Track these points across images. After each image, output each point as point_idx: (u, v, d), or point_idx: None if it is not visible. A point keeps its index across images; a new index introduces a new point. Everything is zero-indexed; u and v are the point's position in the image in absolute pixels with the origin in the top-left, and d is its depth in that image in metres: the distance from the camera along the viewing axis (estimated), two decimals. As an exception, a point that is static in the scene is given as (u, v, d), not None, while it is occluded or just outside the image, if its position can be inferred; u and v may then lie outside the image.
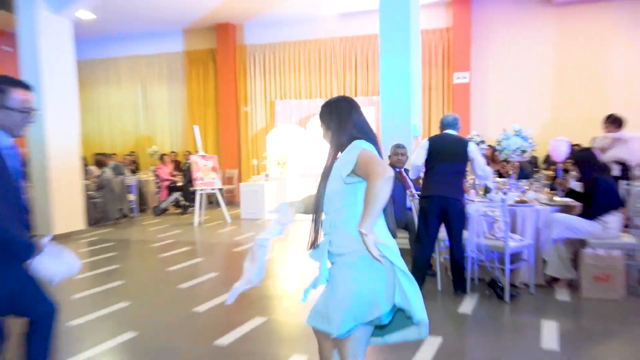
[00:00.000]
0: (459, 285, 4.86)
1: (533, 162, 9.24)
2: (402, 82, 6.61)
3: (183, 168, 11.80)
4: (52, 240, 2.44)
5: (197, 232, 8.91)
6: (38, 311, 2.49)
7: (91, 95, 14.43)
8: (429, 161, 4.88)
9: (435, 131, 11.68)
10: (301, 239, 8.08)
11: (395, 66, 6.63)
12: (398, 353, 3.57)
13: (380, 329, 2.34)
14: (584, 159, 4.95)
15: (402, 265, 2.15)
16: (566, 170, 6.17)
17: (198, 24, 13.09)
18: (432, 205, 4.73)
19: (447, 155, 4.78)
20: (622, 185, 5.37)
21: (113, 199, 9.95)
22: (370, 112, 10.90)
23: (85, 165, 10.59)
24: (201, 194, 9.90)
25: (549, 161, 9.80)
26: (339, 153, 2.30)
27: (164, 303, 4.90)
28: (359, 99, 12.06)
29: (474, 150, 4.79)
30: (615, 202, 4.73)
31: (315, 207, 2.36)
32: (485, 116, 11.27)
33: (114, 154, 12.73)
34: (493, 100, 11.31)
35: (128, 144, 14.31)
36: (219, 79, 13.32)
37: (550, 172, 8.55)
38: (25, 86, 2.46)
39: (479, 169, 4.84)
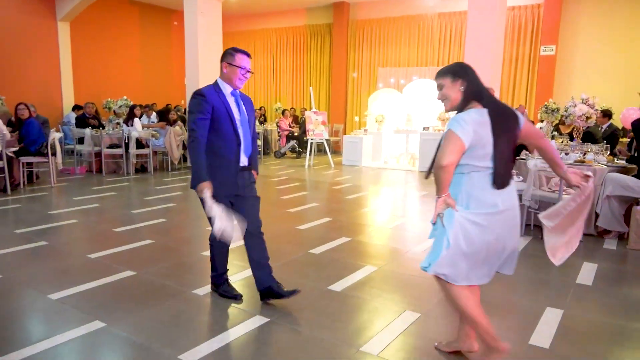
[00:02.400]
0: None
1: (615, 130, 8.46)
2: (484, 55, 6.37)
3: (300, 121, 12.33)
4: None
5: (307, 173, 9.43)
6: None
7: (233, 60, 15.34)
8: None
9: (521, 100, 11.06)
10: (391, 182, 8.29)
11: (478, 41, 6.38)
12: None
13: None
14: (639, 126, 4.57)
15: (449, 232, 2.10)
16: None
17: (319, 2, 13.24)
18: None
19: None
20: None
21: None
22: (458, 80, 10.50)
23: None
24: (312, 143, 10.37)
25: (625, 131, 8.93)
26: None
27: (275, 221, 5.42)
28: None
29: None
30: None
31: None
32: (570, 86, 10.39)
33: (248, 108, 13.59)
34: (577, 72, 10.37)
35: (260, 101, 15.15)
36: (333, 49, 13.50)
37: (626, 140, 7.83)
38: (246, 53, 2.92)
39: None
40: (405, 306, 3.05)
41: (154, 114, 9.94)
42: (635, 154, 4.60)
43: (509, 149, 2.12)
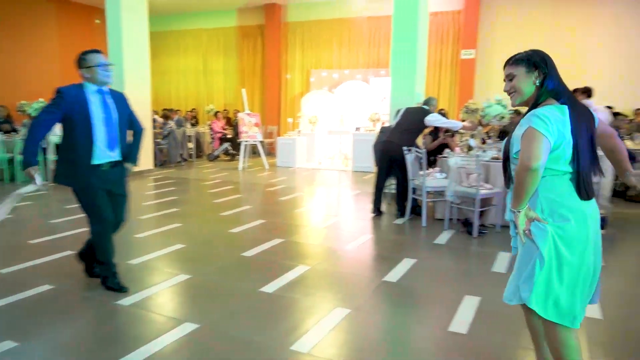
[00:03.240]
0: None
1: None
2: (409, 58, 6.64)
3: (233, 123, 12.16)
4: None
5: (241, 175, 9.33)
6: None
7: (163, 61, 14.83)
8: None
9: (443, 103, 11.65)
10: (324, 182, 8.40)
11: (403, 44, 6.64)
12: (378, 266, 3.89)
13: None
14: None
15: (548, 252, 1.78)
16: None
17: (249, 3, 13.13)
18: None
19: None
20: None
21: (176, 146, 10.45)
22: (384, 82, 10.89)
23: (155, 119, 11.08)
24: (245, 145, 10.27)
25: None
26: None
27: (208, 225, 5.32)
28: (376, 70, 12.03)
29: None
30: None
31: (504, 165, 2.01)
32: (488, 88, 11.09)
33: (178, 110, 13.18)
34: (495, 74, 11.08)
35: (190, 102, 14.74)
36: (265, 51, 13.44)
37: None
38: (95, 51, 3.07)
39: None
40: (337, 303, 3.12)
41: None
42: None
43: (590, 152, 1.83)
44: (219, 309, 3.00)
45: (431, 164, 6.01)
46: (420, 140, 6.52)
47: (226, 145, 11.76)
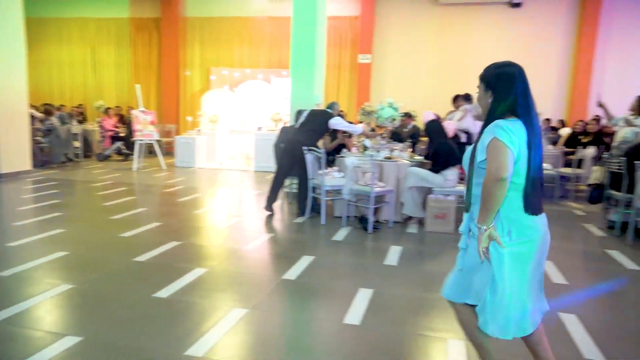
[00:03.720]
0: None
1: (417, 131, 9.79)
2: (308, 60, 6.78)
3: (126, 121, 11.41)
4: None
5: (135, 176, 8.79)
6: None
7: (43, 51, 13.42)
8: None
9: (343, 104, 12.07)
10: (230, 183, 8.24)
11: (302, 46, 6.76)
12: (278, 264, 3.93)
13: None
14: (430, 128, 5.41)
15: (499, 277, 1.82)
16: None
17: (142, -6, 12.42)
18: None
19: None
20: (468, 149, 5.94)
21: (59, 144, 9.53)
22: (286, 82, 10.99)
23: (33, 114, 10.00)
24: (140, 144, 9.70)
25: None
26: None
27: (96, 229, 4.94)
28: (278, 71, 12.12)
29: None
30: (453, 160, 5.25)
31: (468, 175, 1.96)
32: (383, 91, 11.71)
33: (62, 106, 12.03)
34: (389, 78, 11.75)
35: (77, 98, 13.52)
36: (162, 46, 12.80)
37: (426, 139, 9.15)
38: None
39: None
40: (234, 304, 3.09)
41: None
42: (433, 152, 5.40)
43: (540, 167, 1.89)
44: (107, 319, 2.81)
45: (330, 163, 6.20)
46: (320, 141, 6.69)
47: (118, 144, 11.00)
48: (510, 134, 1.77)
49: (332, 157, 6.31)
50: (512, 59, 1.97)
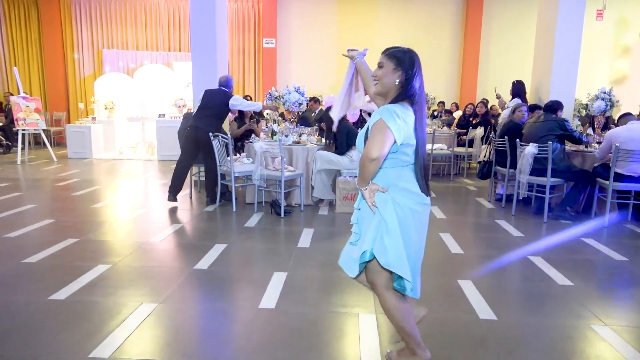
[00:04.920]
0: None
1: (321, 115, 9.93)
2: (209, 44, 6.53)
3: (5, 109, 10.17)
4: None
5: (20, 170, 7.91)
6: None
7: None
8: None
9: (249, 89, 11.87)
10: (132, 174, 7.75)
11: (202, 29, 6.50)
12: (188, 255, 3.80)
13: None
14: (327, 113, 5.53)
15: (390, 221, 1.93)
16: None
17: (16, -35, 11.03)
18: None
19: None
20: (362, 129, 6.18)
21: None
22: (188, 67, 10.54)
23: None
24: (24, 134, 8.71)
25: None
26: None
27: (-26, 231, 4.38)
28: (180, 54, 11.57)
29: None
30: (354, 141, 5.43)
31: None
32: (289, 75, 11.71)
33: None
34: (295, 62, 11.77)
35: (-61, 83, 11.76)
36: (42, 24, 11.53)
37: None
38: None
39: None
40: (142, 299, 2.94)
41: None
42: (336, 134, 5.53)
43: (425, 155, 2.04)
44: (-7, 329, 2.51)
45: (238, 149, 6.09)
46: (226, 126, 6.53)
47: (-3, 135, 9.79)
48: (398, 119, 1.86)
49: (240, 142, 6.20)
50: (409, 45, 2.08)
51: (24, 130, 8.67)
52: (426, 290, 3.16)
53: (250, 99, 9.31)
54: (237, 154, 5.67)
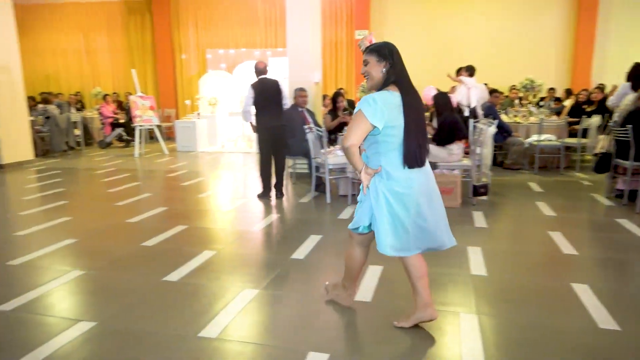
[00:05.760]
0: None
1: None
2: (304, 37, 6.65)
3: (125, 107, 11.31)
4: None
5: (137, 162, 8.76)
6: None
7: (36, 39, 13.21)
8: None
9: (341, 81, 11.93)
10: (232, 166, 8.22)
11: (297, 23, 6.64)
12: (285, 244, 3.92)
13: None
14: (438, 100, 5.34)
15: (379, 210, 2.25)
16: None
17: (134, -24, 12.16)
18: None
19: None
20: (470, 122, 5.87)
21: (59, 133, 9.48)
22: (283, 62, 10.85)
23: (34, 104, 9.92)
24: (140, 130, 9.63)
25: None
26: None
27: (103, 216, 4.93)
28: (275, 51, 11.95)
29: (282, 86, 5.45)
30: (458, 135, 5.20)
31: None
32: (382, 68, 11.54)
33: (59, 94, 11.93)
34: (388, 55, 11.57)
35: (73, 85, 13.40)
36: (155, 28, 12.61)
37: (428, 114, 9.07)
38: None
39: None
40: (244, 285, 3.09)
41: None
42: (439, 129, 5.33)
43: (418, 130, 2.22)
44: (119, 304, 2.82)
45: (332, 142, 6.15)
46: (320, 119, 6.63)
47: (119, 130, 10.93)
48: (375, 106, 2.10)
49: (333, 135, 6.26)
50: (510, 32, 1.95)
51: (140, 126, 9.58)
52: (534, 292, 2.94)
53: (344, 92, 9.34)
54: (331, 147, 5.73)
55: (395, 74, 2.21)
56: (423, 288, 2.43)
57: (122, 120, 11.00)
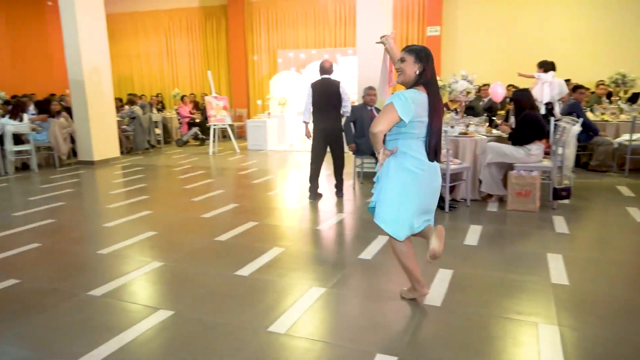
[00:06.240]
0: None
1: (493, 103, 9.23)
2: (374, 35, 6.57)
3: (201, 107, 11.89)
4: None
5: (211, 160, 9.17)
6: None
7: (122, 45, 14.28)
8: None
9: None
10: (300, 164, 8.36)
11: (368, 22, 6.59)
12: (353, 244, 3.91)
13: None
14: (519, 97, 5.05)
15: (392, 187, 2.53)
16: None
17: (211, -18, 12.74)
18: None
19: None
20: (551, 121, 5.50)
21: (142, 132, 10.16)
22: (354, 60, 10.83)
23: (121, 105, 10.72)
24: (214, 129, 10.08)
25: (504, 103, 9.85)
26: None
27: (179, 211, 5.22)
28: (344, 50, 11.96)
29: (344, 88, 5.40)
30: (539, 134, 4.90)
31: None
32: (454, 64, 11.18)
33: (143, 95, 12.79)
34: (461, 51, 11.19)
35: (155, 87, 14.31)
36: (230, 32, 13.13)
37: (503, 112, 8.64)
38: None
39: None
40: (312, 283, 3.13)
41: (32, 105, 8.96)
42: (514, 127, 5.07)
43: (440, 129, 2.54)
44: (194, 295, 2.96)
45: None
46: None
47: (195, 129, 11.51)
48: (406, 102, 2.38)
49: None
50: (596, 24, 1.79)
51: (214, 125, 10.03)
52: (623, 305, 2.70)
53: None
54: (400, 146, 5.63)
55: (426, 77, 2.47)
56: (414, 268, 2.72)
57: (198, 120, 11.57)
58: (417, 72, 2.45)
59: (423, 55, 2.46)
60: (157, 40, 14.14)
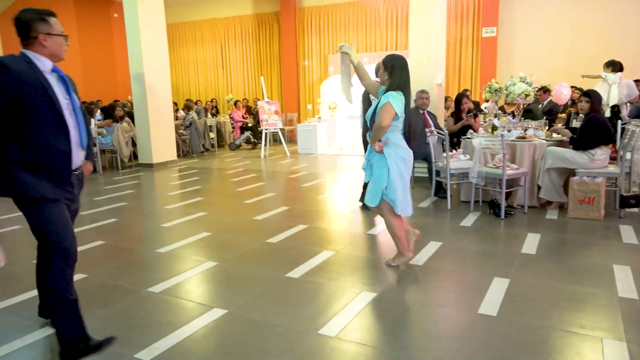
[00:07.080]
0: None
1: (553, 106, 8.81)
2: (427, 37, 6.50)
3: (253, 112, 12.19)
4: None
5: (263, 163, 9.36)
6: None
7: (181, 52, 14.94)
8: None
9: (465, 81, 11.41)
10: (348, 168, 8.38)
11: (421, 24, 6.50)
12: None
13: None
14: (594, 95, 4.72)
15: (390, 170, 3.20)
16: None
17: (264, -10, 13.04)
18: None
19: None
20: (619, 124, 5.20)
21: (197, 136, 10.54)
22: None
23: (176, 109, 11.19)
24: (266, 133, 10.29)
25: (566, 105, 9.39)
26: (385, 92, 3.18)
27: (232, 212, 5.37)
28: (398, 52, 11.84)
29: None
30: (604, 138, 4.62)
31: (370, 126, 3.29)
32: (511, 66, 10.78)
33: (198, 100, 13.29)
34: (518, 52, 10.77)
35: (210, 92, 14.82)
36: (282, 38, 13.37)
37: (564, 115, 8.23)
38: (52, 13, 2.29)
39: None
40: (362, 287, 3.12)
41: (99, 111, 9.54)
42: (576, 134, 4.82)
43: (408, 120, 3.25)
44: (246, 295, 3.04)
45: (454, 145, 5.91)
46: (442, 122, 6.42)
47: (247, 134, 11.81)
48: (398, 101, 3.10)
49: (456, 138, 6.01)
50: None
51: (266, 129, 10.24)
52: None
53: (469, 93, 8.91)
54: (453, 150, 5.51)
55: (397, 81, 3.13)
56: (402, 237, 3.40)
57: (250, 124, 11.86)
58: (386, 78, 3.18)
59: (388, 65, 3.17)
60: (213, 47, 14.65)
